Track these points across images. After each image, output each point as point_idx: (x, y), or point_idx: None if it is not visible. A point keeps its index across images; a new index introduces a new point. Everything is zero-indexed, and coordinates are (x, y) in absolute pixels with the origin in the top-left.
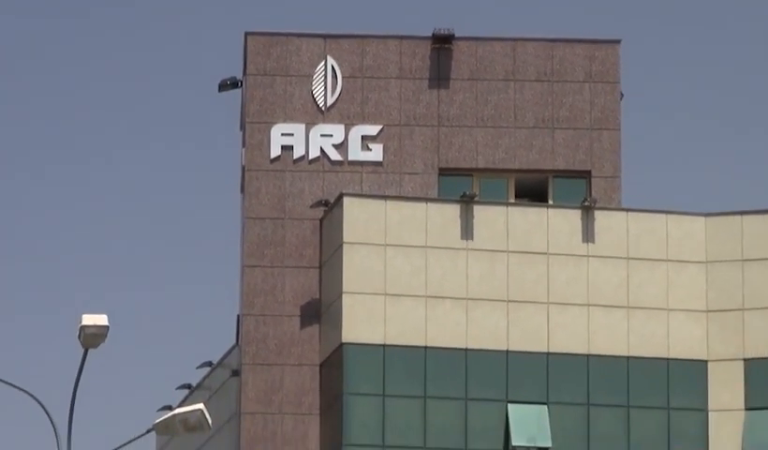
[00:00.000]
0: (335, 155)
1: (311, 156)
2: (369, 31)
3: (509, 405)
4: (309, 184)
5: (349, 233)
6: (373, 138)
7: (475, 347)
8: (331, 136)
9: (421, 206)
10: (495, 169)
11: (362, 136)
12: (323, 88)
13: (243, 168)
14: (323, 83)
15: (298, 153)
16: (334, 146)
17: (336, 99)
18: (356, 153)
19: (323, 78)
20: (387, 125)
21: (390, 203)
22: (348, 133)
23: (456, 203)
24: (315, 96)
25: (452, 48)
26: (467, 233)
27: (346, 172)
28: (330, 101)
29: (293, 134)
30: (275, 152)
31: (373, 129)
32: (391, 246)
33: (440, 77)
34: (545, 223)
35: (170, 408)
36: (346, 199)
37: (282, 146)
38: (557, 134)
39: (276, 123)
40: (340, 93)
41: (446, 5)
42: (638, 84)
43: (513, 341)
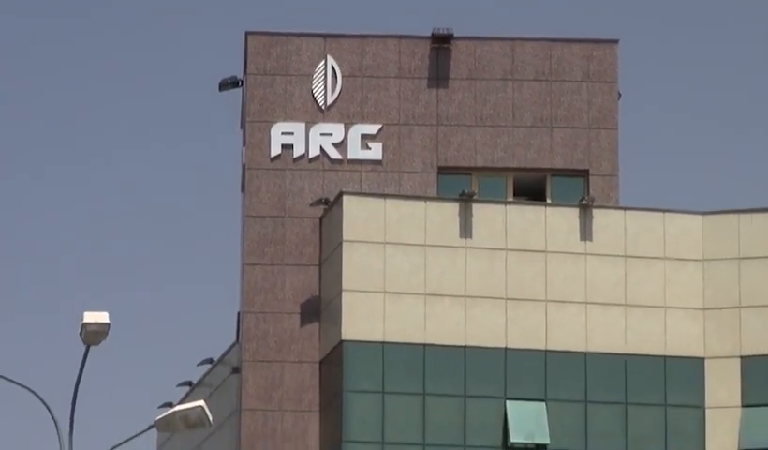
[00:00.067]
0: (335, 153)
1: (311, 154)
2: (369, 31)
3: (507, 402)
4: (309, 182)
5: (349, 232)
6: (372, 137)
7: (474, 344)
8: (330, 135)
9: (421, 205)
10: (494, 167)
11: (362, 135)
12: (323, 87)
13: (243, 166)
14: (323, 83)
15: (298, 152)
16: (334, 145)
17: (336, 98)
18: (355, 152)
19: (323, 77)
20: (386, 124)
21: (389, 202)
22: (348, 132)
23: (455, 202)
24: (315, 95)
25: (451, 47)
26: (466, 232)
27: (345, 171)
28: (329, 100)
29: (293, 133)
30: (275, 151)
31: (372, 128)
32: (391, 244)
33: (439, 76)
34: (543, 221)
35: (171, 405)
36: (345, 197)
37: (282, 145)
38: (555, 133)
39: (276, 122)
40: (340, 92)
41: (445, 5)
42: (635, 84)
43: (512, 339)
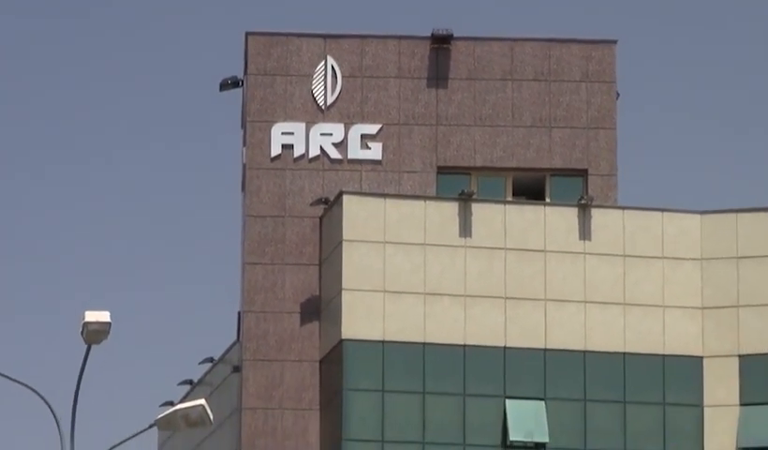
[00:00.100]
0: (335, 153)
1: (311, 154)
2: (368, 31)
3: (506, 400)
4: (309, 182)
5: (349, 231)
6: (372, 137)
7: (473, 343)
8: (330, 135)
9: (420, 204)
10: (493, 167)
11: (362, 135)
12: (323, 87)
13: (243, 166)
14: (323, 83)
15: (298, 151)
16: (334, 145)
17: (336, 99)
18: (355, 151)
19: (323, 77)
20: (386, 124)
21: (389, 201)
22: (348, 132)
23: (454, 201)
24: (315, 95)
25: (451, 48)
26: (466, 231)
27: (345, 171)
28: (330, 100)
29: (293, 133)
30: (276, 150)
31: (372, 128)
32: (391, 243)
33: (439, 76)
34: (542, 221)
35: (172, 403)
36: (345, 197)
37: (282, 145)
38: (554, 133)
39: (277, 122)
40: (340, 92)
41: (444, 5)
42: (634, 84)
43: (511, 338)
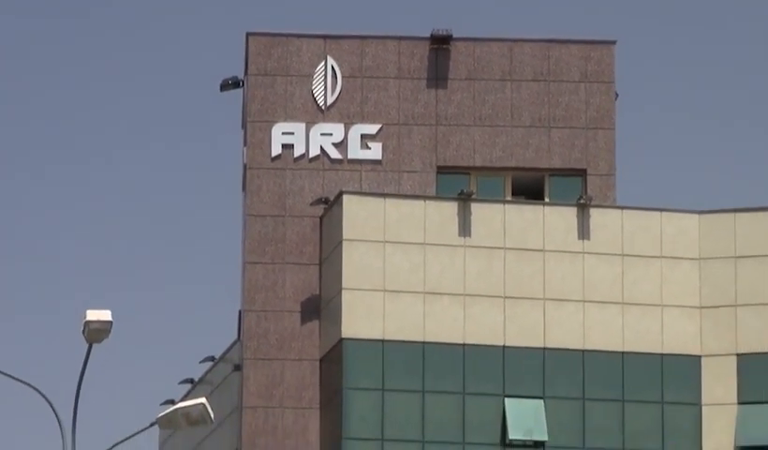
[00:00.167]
0: (335, 153)
1: (311, 154)
2: (368, 32)
3: (505, 399)
4: (309, 182)
5: (349, 231)
6: (372, 137)
7: (472, 342)
8: (330, 135)
9: (420, 204)
10: (493, 167)
11: (362, 135)
12: (323, 88)
13: (244, 166)
14: (323, 83)
15: (298, 151)
16: (334, 145)
17: (336, 99)
18: (355, 151)
19: (323, 78)
20: (386, 124)
21: (389, 201)
22: (348, 132)
23: (454, 201)
24: (315, 95)
25: (450, 48)
26: (465, 231)
27: (345, 171)
28: (330, 101)
29: (294, 133)
30: (276, 150)
31: (372, 128)
32: (390, 243)
33: (438, 77)
34: (541, 220)
35: (173, 402)
36: (345, 196)
37: (283, 145)
38: (553, 133)
39: (277, 122)
40: (340, 92)
41: (444, 6)
42: (632, 84)
43: (510, 337)
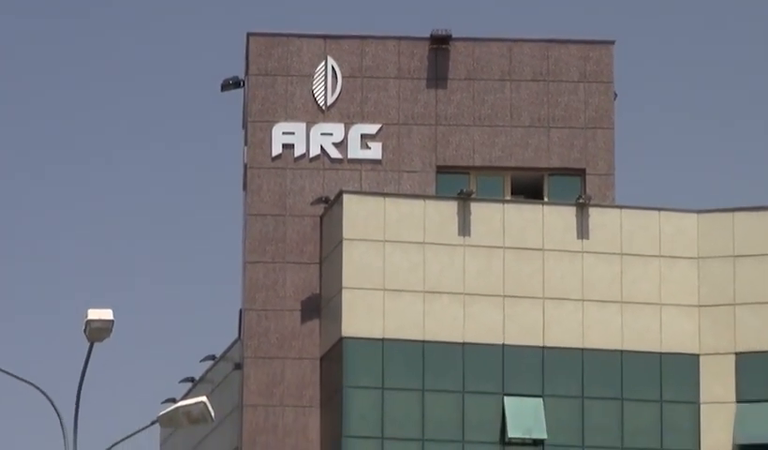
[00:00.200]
0: (335, 153)
1: (311, 154)
2: (368, 32)
3: (505, 398)
4: (310, 181)
5: (349, 230)
6: (372, 136)
7: (472, 341)
8: (331, 134)
9: (420, 203)
10: (492, 167)
11: (362, 134)
12: (323, 88)
13: (245, 166)
14: (323, 83)
15: (299, 151)
16: (334, 145)
17: (336, 99)
18: (355, 151)
19: (323, 78)
20: (386, 124)
21: (388, 201)
22: (348, 132)
23: (453, 201)
24: (315, 95)
25: (450, 48)
26: (464, 230)
27: (345, 170)
28: (330, 101)
29: (294, 133)
30: (277, 150)
31: (372, 128)
32: (390, 242)
33: (438, 77)
34: (540, 220)
35: (174, 400)
36: (345, 196)
37: (283, 145)
38: (552, 133)
39: (278, 122)
40: (340, 92)
41: (443, 6)
42: (631, 84)
43: (509, 335)
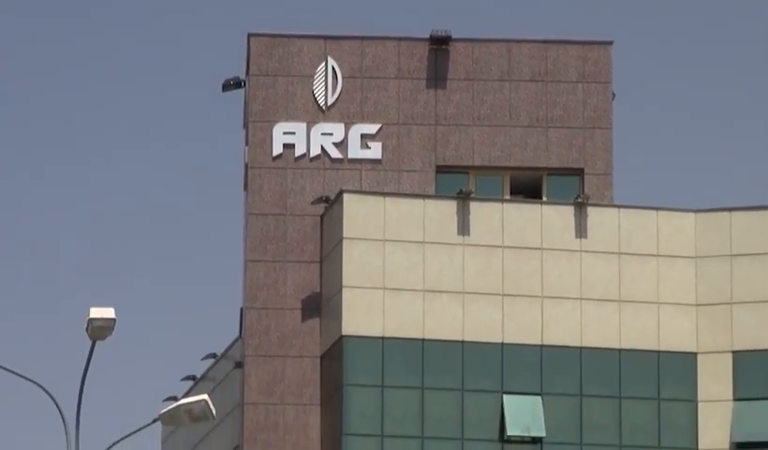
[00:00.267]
0: (335, 153)
1: (312, 154)
2: (368, 32)
3: (504, 396)
4: (310, 181)
5: (349, 229)
6: (372, 136)
7: (471, 339)
8: (331, 134)
9: (419, 203)
10: (491, 166)
11: (362, 134)
12: (324, 88)
13: (245, 165)
14: (324, 83)
15: (299, 151)
16: (335, 144)
17: (336, 99)
18: (356, 151)
19: (324, 78)
20: (386, 124)
21: (388, 200)
22: (348, 132)
23: (453, 200)
24: (316, 95)
25: (449, 49)
26: (464, 229)
27: (345, 170)
28: (330, 101)
29: (295, 133)
30: (277, 150)
31: (372, 128)
32: (390, 241)
33: (437, 77)
34: (539, 219)
35: (176, 398)
36: (345, 195)
37: (284, 144)
38: (551, 133)
39: (278, 122)
40: (340, 92)
41: (443, 7)
42: (629, 84)
43: (508, 334)
